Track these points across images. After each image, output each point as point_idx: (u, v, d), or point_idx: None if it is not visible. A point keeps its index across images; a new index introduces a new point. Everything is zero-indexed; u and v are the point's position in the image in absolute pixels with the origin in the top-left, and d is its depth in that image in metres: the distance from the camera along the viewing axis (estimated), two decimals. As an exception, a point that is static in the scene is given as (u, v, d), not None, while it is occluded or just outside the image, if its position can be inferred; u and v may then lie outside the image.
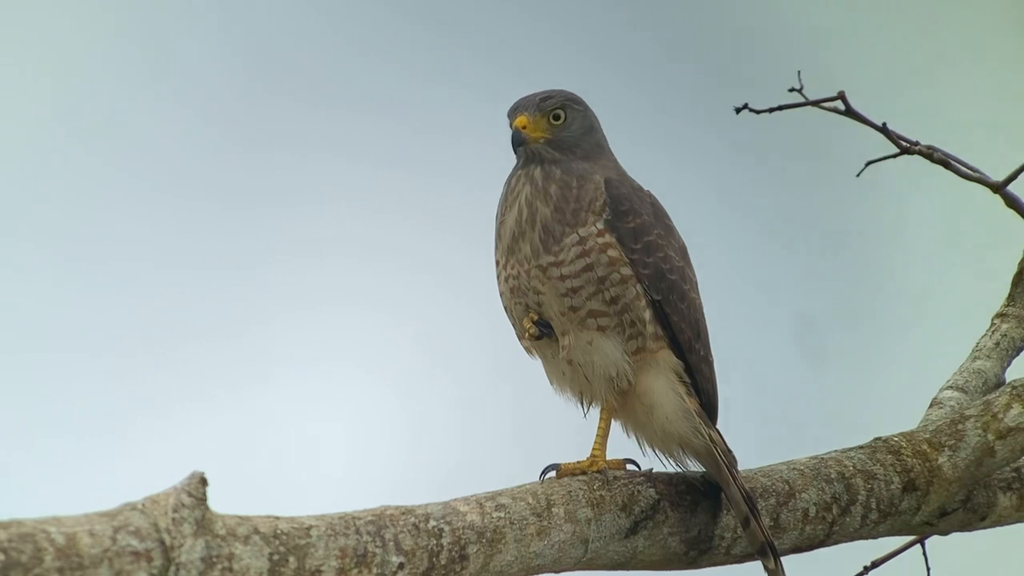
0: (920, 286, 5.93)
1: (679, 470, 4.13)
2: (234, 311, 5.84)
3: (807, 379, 5.60)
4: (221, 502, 3.58)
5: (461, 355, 5.62)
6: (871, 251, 6.04)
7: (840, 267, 6.00)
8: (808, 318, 5.71)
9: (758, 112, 4.43)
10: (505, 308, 4.12)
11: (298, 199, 6.03)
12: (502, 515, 3.84)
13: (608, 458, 4.07)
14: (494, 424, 5.44)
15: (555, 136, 4.12)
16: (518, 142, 4.11)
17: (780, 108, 4.46)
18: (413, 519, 3.75)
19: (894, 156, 4.50)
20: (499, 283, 4.11)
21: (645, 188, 4.17)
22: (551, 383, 4.12)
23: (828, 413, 5.52)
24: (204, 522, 3.53)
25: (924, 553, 4.57)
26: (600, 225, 4.03)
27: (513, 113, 4.14)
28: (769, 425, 5.01)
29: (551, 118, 4.13)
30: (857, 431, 4.38)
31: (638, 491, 4.02)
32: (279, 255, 5.94)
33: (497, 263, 4.11)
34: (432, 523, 3.77)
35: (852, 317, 5.92)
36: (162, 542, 3.48)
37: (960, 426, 4.31)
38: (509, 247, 4.06)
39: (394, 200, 5.91)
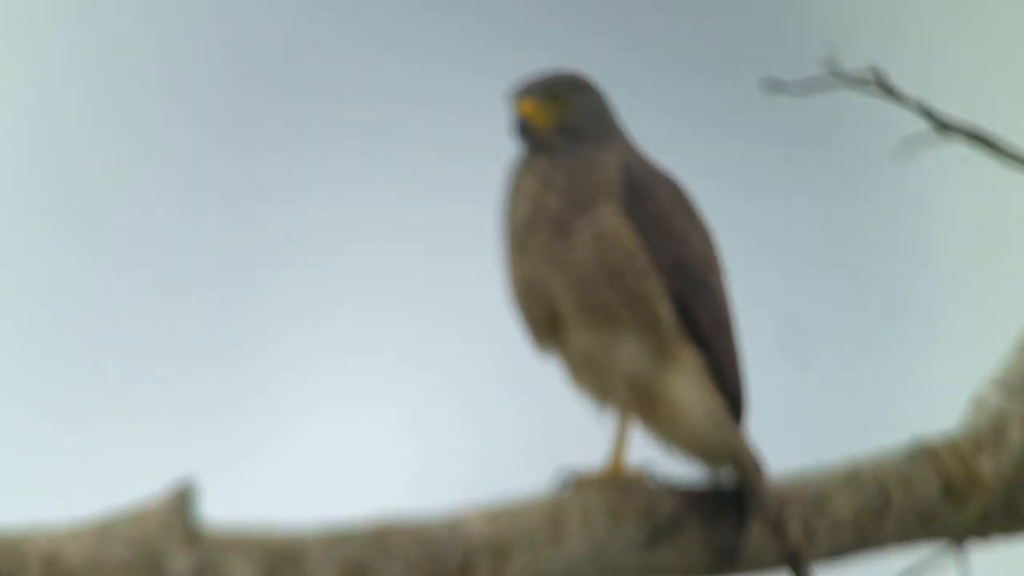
0: (949, 281, 5.82)
1: (703, 475, 3.96)
2: (236, 312, 5.84)
3: (838, 380, 5.50)
4: (214, 510, 3.48)
5: (474, 357, 5.53)
6: (896, 244, 5.94)
7: (857, 263, 5.91)
8: (831, 318, 5.65)
9: (792, 94, 4.27)
10: (514, 304, 3.91)
11: (315, 191, 6.01)
12: (512, 524, 3.69)
13: (627, 465, 3.88)
14: (508, 427, 5.35)
15: (562, 123, 3.90)
16: (522, 130, 3.89)
17: (813, 88, 4.29)
18: (416, 529, 3.61)
19: (933, 136, 4.32)
20: (508, 278, 3.90)
21: (667, 172, 3.97)
22: (568, 383, 3.94)
23: (860, 414, 5.41)
24: (195, 532, 3.42)
25: (964, 561, 4.43)
26: (615, 211, 3.82)
27: (516, 97, 3.92)
28: (796, 427, 4.88)
29: (558, 103, 3.93)
30: (892, 431, 4.24)
31: (658, 498, 3.86)
32: (282, 253, 5.93)
33: (505, 259, 3.90)
34: (437, 533, 3.62)
35: (884, 313, 5.84)
36: (151, 552, 3.39)
37: (1001, 425, 4.19)
38: (520, 244, 3.85)
39: (413, 188, 5.83)
